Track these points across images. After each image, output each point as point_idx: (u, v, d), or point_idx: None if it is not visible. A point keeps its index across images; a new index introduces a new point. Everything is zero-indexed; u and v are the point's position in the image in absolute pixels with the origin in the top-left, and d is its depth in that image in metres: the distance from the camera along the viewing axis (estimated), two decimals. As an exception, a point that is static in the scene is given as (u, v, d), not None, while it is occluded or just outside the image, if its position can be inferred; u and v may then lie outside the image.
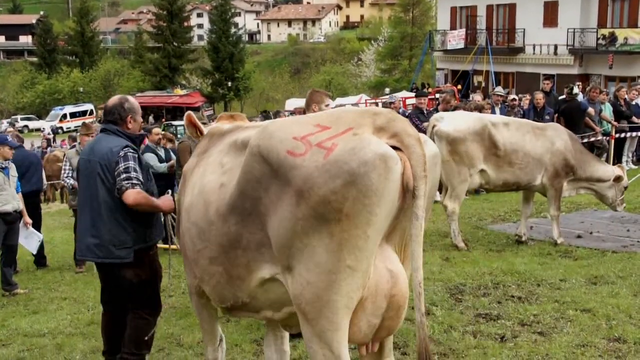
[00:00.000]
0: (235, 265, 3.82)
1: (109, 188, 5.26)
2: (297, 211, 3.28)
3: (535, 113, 14.83)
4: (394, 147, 3.28)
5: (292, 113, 45.34)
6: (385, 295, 3.43)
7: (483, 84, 40.55)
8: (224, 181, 3.87)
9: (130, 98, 5.70)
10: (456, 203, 9.72)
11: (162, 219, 5.80)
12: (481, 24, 41.84)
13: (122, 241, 5.28)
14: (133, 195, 5.14)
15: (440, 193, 12.05)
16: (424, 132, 13.39)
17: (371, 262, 3.35)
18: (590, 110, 15.34)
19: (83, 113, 60.57)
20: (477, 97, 18.48)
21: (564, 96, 16.49)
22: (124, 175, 5.16)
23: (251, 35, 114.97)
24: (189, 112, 5.35)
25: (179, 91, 58.55)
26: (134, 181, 5.18)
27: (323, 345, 3.41)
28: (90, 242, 5.34)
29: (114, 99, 5.60)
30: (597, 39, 35.08)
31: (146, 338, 5.50)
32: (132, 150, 5.32)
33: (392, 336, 3.91)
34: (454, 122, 9.73)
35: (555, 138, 9.83)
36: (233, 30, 69.72)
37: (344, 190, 3.17)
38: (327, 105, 7.23)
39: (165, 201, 5.48)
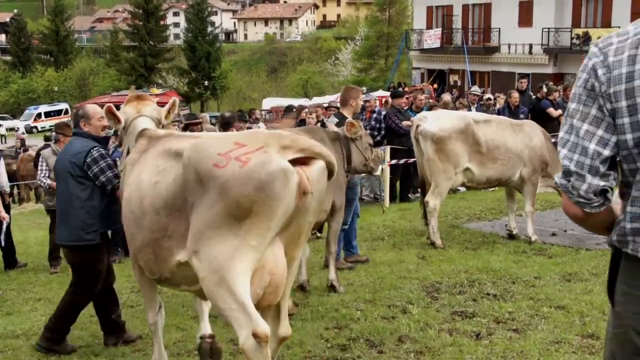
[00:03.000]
0: (161, 249, 4.72)
1: (78, 181, 6.26)
2: (216, 208, 4.19)
3: (510, 112, 14.94)
4: (295, 162, 4.23)
5: (269, 112, 45.34)
6: (269, 272, 4.33)
7: (459, 83, 40.78)
8: (158, 180, 4.70)
9: (87, 106, 6.74)
10: (438, 200, 9.77)
11: None
12: (457, 23, 42.07)
13: (90, 225, 6.26)
14: None
15: (414, 193, 12.11)
16: (403, 130, 13.49)
17: (267, 245, 4.27)
18: (551, 110, 15.48)
19: (58, 112, 60.00)
20: (446, 97, 18.59)
21: (537, 95, 16.65)
22: (110, 174, 6.25)
23: (228, 34, 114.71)
24: (109, 104, 6.03)
25: (155, 90, 58.05)
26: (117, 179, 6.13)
27: (231, 297, 4.21)
28: (63, 228, 6.40)
29: (77, 107, 6.45)
30: (572, 38, 35.43)
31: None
32: (102, 148, 6.38)
33: (287, 304, 4.80)
34: (439, 121, 9.81)
35: (533, 134, 10.04)
36: (209, 29, 69.49)
37: (255, 194, 4.10)
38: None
39: None
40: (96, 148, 6.29)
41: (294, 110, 14.26)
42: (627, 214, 2.39)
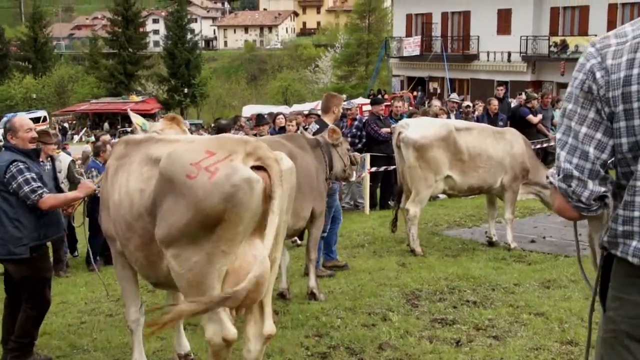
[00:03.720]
0: (151, 253, 4.86)
1: (2, 196, 6.12)
2: (187, 217, 4.42)
3: (489, 119, 15.01)
4: (260, 167, 4.47)
5: (249, 120, 45.22)
6: (247, 273, 4.37)
7: (439, 91, 40.96)
8: (143, 187, 4.87)
9: (14, 119, 6.53)
10: (418, 208, 9.78)
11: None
12: (436, 31, 42.27)
13: (19, 239, 6.10)
14: (46, 203, 6.09)
15: (394, 200, 12.12)
16: (382, 137, 13.52)
17: (239, 247, 4.50)
18: (530, 117, 15.57)
19: (36, 120, 59.42)
20: (436, 103, 18.66)
21: (516, 102, 16.76)
22: (27, 189, 6.03)
23: (207, 41, 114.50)
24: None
25: (135, 98, 58.11)
26: (39, 191, 6.06)
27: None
28: None
29: (6, 119, 6.43)
30: (549, 46, 35.73)
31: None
32: (21, 163, 6.11)
33: (271, 302, 4.93)
34: (420, 129, 9.81)
35: (514, 142, 10.09)
36: (189, 36, 69.41)
37: (222, 204, 4.33)
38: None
39: (83, 187, 6.48)
40: (15, 163, 6.08)
41: (265, 118, 14.28)
42: (618, 217, 2.41)
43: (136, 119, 6.55)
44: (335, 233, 9.20)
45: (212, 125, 18.33)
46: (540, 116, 15.93)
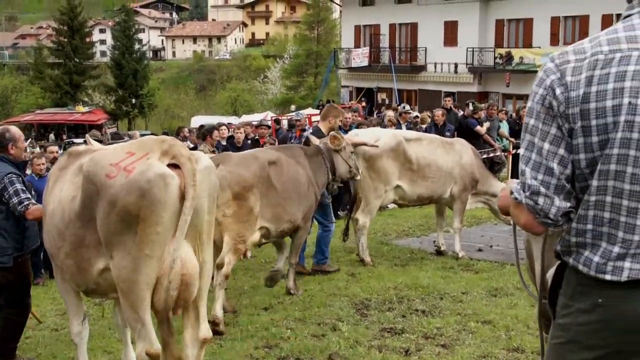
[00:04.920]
0: (82, 260, 4.90)
1: None
2: (110, 217, 4.49)
3: (436, 130, 15.17)
4: (176, 165, 4.54)
5: (199, 129, 44.89)
6: (176, 274, 4.53)
7: (387, 101, 41.25)
8: (75, 195, 4.91)
9: (12, 128, 6.69)
10: (368, 218, 9.84)
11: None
12: (384, 42, 42.59)
13: (4, 248, 6.27)
14: (32, 214, 6.13)
15: (344, 210, 12.18)
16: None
17: (164, 250, 4.52)
18: (478, 128, 15.77)
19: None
20: (389, 113, 18.79)
21: (462, 113, 16.97)
22: (15, 200, 6.15)
23: (155, 51, 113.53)
24: None
25: (81, 108, 57.08)
26: (26, 202, 6.15)
27: (133, 312, 4.59)
28: None
29: (1, 131, 6.53)
30: (495, 58, 36.29)
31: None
32: (15, 175, 6.27)
33: (205, 305, 4.96)
34: (370, 139, 9.84)
35: (463, 152, 10.20)
36: (137, 46, 68.61)
37: (138, 201, 4.40)
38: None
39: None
40: (9, 175, 6.23)
41: (204, 128, 14.28)
42: (572, 229, 2.45)
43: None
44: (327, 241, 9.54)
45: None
46: (487, 124, 16.15)
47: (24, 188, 6.30)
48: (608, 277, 2.37)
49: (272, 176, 7.62)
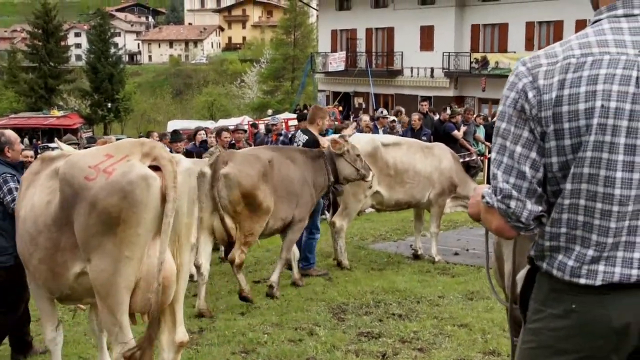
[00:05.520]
0: (56, 264, 4.85)
1: None
2: (90, 219, 4.47)
3: (413, 134, 15.21)
4: (156, 167, 4.55)
5: (172, 134, 44.59)
6: (154, 277, 4.51)
7: (364, 106, 41.36)
8: (50, 199, 4.90)
9: (8, 131, 6.86)
10: (345, 221, 9.85)
11: None
12: (361, 47, 42.71)
13: (5, 248, 6.42)
14: None
15: (329, 212, 12.18)
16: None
17: (143, 252, 4.54)
18: (455, 132, 15.84)
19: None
20: (365, 118, 18.79)
21: (439, 117, 17.04)
22: (9, 197, 6.34)
23: (131, 55, 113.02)
24: None
25: (56, 112, 56.58)
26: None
27: (111, 315, 4.59)
28: None
29: None
30: (470, 62, 36.52)
31: None
32: (9, 175, 6.46)
33: (182, 310, 4.95)
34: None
35: (442, 157, 10.22)
36: (112, 50, 68.32)
37: (119, 202, 4.40)
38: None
39: None
40: (3, 175, 6.47)
41: (180, 135, 14.24)
42: (546, 233, 2.45)
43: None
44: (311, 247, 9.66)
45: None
46: (464, 128, 16.23)
47: (17, 187, 6.32)
48: (582, 280, 2.39)
49: (269, 175, 8.06)
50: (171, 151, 11.92)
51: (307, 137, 9.31)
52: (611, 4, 2.43)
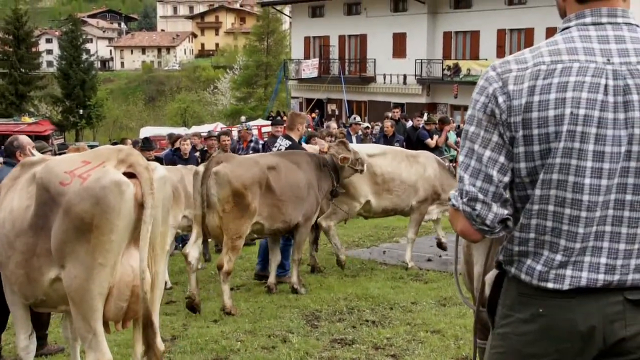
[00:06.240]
0: (32, 269, 4.81)
1: None
2: (63, 224, 4.46)
3: (385, 140, 15.26)
4: (132, 174, 4.53)
5: (143, 141, 44.27)
6: (127, 285, 4.58)
7: (337, 112, 41.44)
8: (29, 204, 4.87)
9: (21, 137, 7.12)
10: (331, 222, 10.01)
11: None
12: (334, 53, 42.83)
13: None
14: None
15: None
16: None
17: (117, 259, 4.53)
18: (429, 141, 15.83)
19: None
20: (332, 125, 18.83)
21: (412, 124, 17.10)
22: None
23: (104, 62, 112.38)
24: None
25: (27, 119, 55.89)
26: None
27: (85, 323, 4.56)
28: None
29: (9, 139, 7.05)
30: (443, 69, 36.76)
31: None
32: None
33: (158, 318, 4.90)
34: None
35: (427, 165, 10.30)
36: (84, 56, 67.84)
37: (92, 208, 4.38)
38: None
39: None
40: None
41: (152, 142, 14.21)
42: (514, 238, 2.47)
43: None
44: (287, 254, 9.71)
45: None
46: (436, 137, 16.28)
47: None
48: (550, 285, 2.41)
49: (271, 180, 8.33)
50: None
51: (290, 143, 9.53)
52: (579, 12, 2.47)
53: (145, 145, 13.34)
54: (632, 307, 2.40)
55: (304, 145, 9.46)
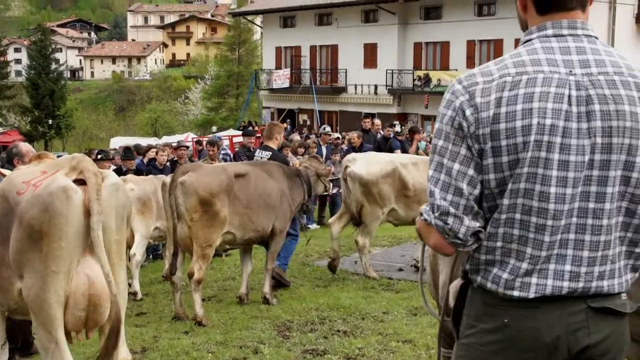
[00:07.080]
0: (3, 279, 4.80)
1: None
2: (18, 234, 4.51)
3: (354, 151, 15.27)
4: (84, 181, 4.55)
5: (116, 151, 43.98)
6: (83, 294, 4.54)
7: (308, 122, 41.49)
8: None
9: (21, 144, 7.15)
10: (367, 239, 10.18)
11: None
12: (305, 64, 42.92)
13: None
14: None
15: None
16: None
17: (70, 266, 4.51)
18: (398, 152, 15.87)
19: None
20: (295, 137, 18.90)
21: (382, 134, 17.15)
22: None
23: (73, 71, 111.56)
24: None
25: (-5, 129, 55.50)
26: None
27: (46, 332, 4.54)
28: None
29: (9, 146, 7.17)
30: (413, 80, 37.01)
31: None
32: None
33: (123, 328, 4.87)
34: (367, 165, 10.15)
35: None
36: (54, 66, 67.25)
37: (41, 215, 4.41)
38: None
39: None
40: None
41: (131, 152, 14.18)
42: (482, 247, 2.49)
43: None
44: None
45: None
46: (413, 147, 16.34)
47: None
48: (516, 293, 2.44)
49: (238, 188, 8.36)
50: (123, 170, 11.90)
51: (270, 153, 9.70)
52: (540, 25, 2.51)
53: (127, 154, 13.27)
54: (594, 314, 2.44)
55: (293, 159, 9.58)
